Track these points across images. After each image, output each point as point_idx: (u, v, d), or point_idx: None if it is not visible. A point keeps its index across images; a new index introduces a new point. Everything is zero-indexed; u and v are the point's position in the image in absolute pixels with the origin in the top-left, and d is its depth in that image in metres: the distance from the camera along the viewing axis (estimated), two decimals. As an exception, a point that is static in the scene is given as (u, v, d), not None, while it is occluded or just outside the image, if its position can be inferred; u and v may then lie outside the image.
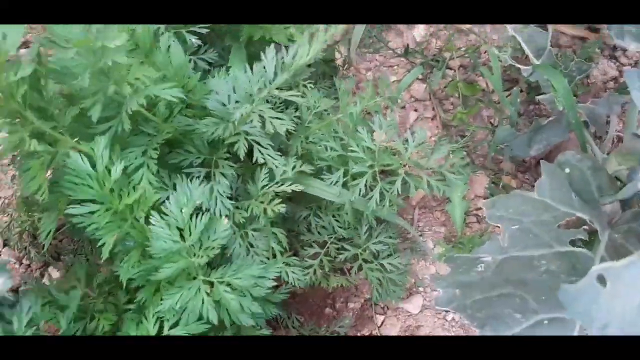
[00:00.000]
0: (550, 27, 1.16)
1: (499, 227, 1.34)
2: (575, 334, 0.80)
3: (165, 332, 0.78)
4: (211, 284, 0.77)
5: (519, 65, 1.15)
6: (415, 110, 1.42)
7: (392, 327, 1.38)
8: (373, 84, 1.00)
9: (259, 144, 0.90)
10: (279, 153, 0.90)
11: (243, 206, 0.90)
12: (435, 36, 1.49)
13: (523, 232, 0.89)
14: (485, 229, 1.35)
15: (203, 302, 0.74)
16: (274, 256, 0.92)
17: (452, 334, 1.37)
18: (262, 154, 0.89)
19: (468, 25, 1.45)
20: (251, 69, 0.88)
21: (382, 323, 1.39)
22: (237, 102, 0.90)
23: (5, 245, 1.38)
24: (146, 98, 0.74)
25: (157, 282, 0.82)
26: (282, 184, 0.91)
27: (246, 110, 0.88)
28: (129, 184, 0.77)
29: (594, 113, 1.15)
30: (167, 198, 0.77)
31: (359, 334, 1.41)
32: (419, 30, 1.49)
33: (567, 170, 0.96)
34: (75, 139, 0.75)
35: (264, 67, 0.88)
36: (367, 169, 0.93)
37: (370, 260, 1.01)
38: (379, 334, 1.38)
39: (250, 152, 0.99)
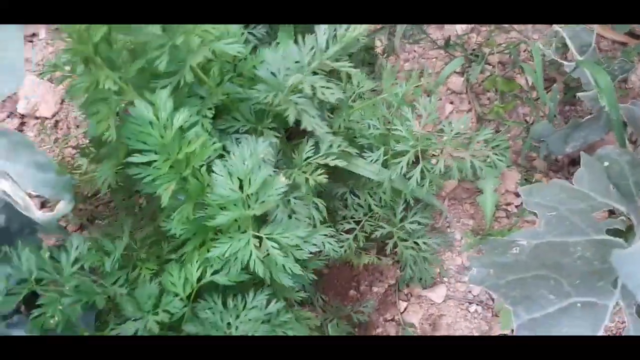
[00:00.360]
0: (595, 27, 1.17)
1: (527, 222, 1.36)
2: (607, 319, 0.81)
3: (207, 277, 0.81)
4: (259, 239, 0.80)
5: (561, 61, 1.17)
6: (452, 102, 1.44)
7: (414, 314, 1.40)
8: (413, 73, 1.03)
9: (307, 112, 0.92)
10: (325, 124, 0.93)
11: (286, 174, 0.92)
12: (476, 31, 1.51)
13: (559, 219, 0.90)
14: (513, 224, 1.36)
15: (251, 255, 0.77)
16: (314, 226, 0.94)
17: (474, 325, 1.38)
18: (310, 122, 0.91)
19: (509, 23, 1.47)
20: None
21: (405, 309, 1.41)
22: (287, 68, 0.93)
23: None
24: (210, 50, 0.77)
25: (204, 235, 0.85)
26: (326, 157, 0.94)
27: (297, 79, 0.91)
28: (183, 139, 0.80)
29: (634, 114, 1.15)
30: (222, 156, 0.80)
31: (381, 318, 1.43)
32: (461, 25, 1.51)
33: (606, 163, 0.97)
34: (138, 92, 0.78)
35: (316, 39, 0.91)
36: (410, 148, 0.95)
37: (405, 239, 1.03)
38: (402, 320, 1.40)
39: (297, 123, 1.02)
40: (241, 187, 0.78)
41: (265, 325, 0.81)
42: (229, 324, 0.80)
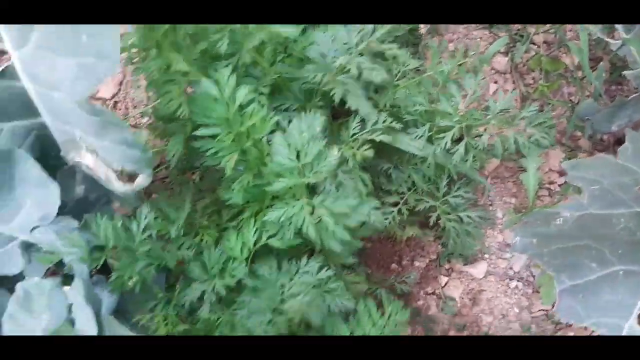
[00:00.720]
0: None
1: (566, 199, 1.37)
2: (650, 288, 0.83)
3: (263, 241, 0.88)
4: (312, 206, 0.86)
5: (608, 40, 1.17)
6: (496, 82, 1.45)
7: (455, 289, 1.44)
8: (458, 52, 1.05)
9: (352, 92, 0.97)
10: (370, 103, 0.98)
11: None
12: (520, 11, 1.51)
13: (602, 192, 0.92)
14: (556, 202, 1.37)
15: (304, 220, 0.84)
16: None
17: (514, 301, 1.41)
18: (355, 101, 0.97)
19: (555, 2, 1.46)
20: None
21: (446, 284, 1.45)
22: (335, 50, 0.98)
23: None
24: (265, 34, 0.83)
25: (261, 203, 0.92)
26: (372, 133, 0.99)
27: (345, 60, 0.96)
28: (244, 114, 0.87)
29: (682, 92, 1.15)
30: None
31: (422, 292, 1.47)
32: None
33: (652, 139, 0.98)
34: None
35: (364, 22, 0.96)
36: (454, 124, 0.99)
37: (448, 212, 1.07)
38: (442, 294, 1.44)
39: (341, 103, 1.08)
40: (297, 158, 0.84)
41: (316, 290, 0.88)
42: (282, 285, 0.87)
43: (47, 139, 0.90)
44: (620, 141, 1.47)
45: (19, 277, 0.92)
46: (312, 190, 0.89)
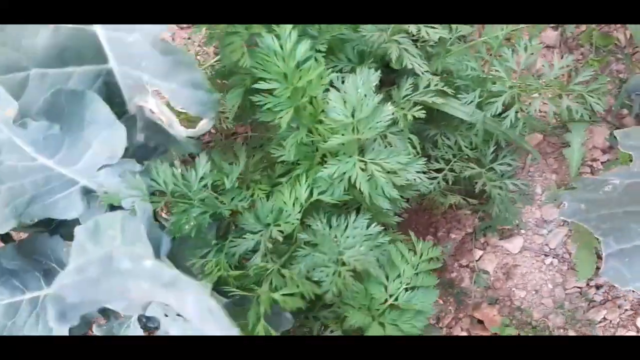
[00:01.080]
0: None
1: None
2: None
3: (315, 197, 0.91)
4: (364, 163, 0.88)
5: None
6: (544, 56, 1.44)
7: (490, 263, 1.45)
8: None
9: (408, 51, 0.99)
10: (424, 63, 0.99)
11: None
12: (572, -14, 1.49)
13: (655, 161, 0.92)
14: (598, 179, 1.37)
15: (357, 176, 0.86)
16: (409, 160, 1.01)
17: (548, 277, 1.42)
18: (411, 60, 0.98)
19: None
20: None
21: (480, 257, 1.47)
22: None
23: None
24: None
25: (312, 160, 0.95)
26: (424, 95, 1.00)
27: (401, 21, 0.97)
28: (301, 70, 0.89)
29: None
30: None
31: (456, 263, 1.49)
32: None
33: None
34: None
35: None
36: (506, 90, 1.00)
37: (494, 179, 1.09)
38: (476, 267, 1.46)
39: (390, 69, 1.09)
40: (352, 115, 0.86)
41: (369, 242, 0.90)
42: (335, 236, 0.90)
43: (111, 86, 0.94)
44: (667, 121, 1.45)
45: (76, 222, 0.97)
46: (361, 150, 0.91)
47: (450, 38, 1.08)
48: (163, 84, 0.83)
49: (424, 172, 1.07)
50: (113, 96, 0.95)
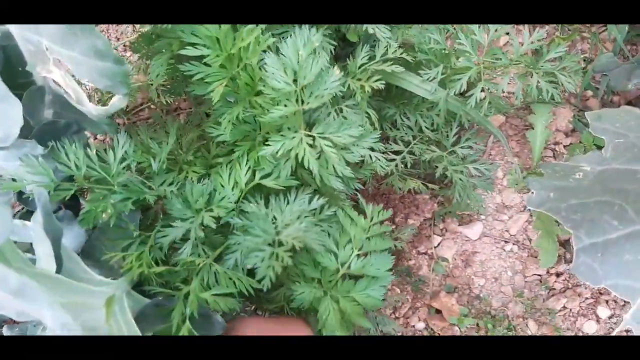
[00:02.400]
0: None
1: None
2: (672, 249, 0.77)
3: (256, 180, 0.79)
4: (312, 138, 0.76)
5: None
6: (507, 33, 1.36)
7: (448, 249, 1.38)
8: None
9: (367, 18, 0.87)
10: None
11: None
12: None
13: (627, 146, 0.85)
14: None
15: (304, 153, 0.74)
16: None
17: (508, 264, 1.36)
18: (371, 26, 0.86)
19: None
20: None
21: (439, 244, 1.39)
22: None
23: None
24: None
25: (253, 140, 0.83)
26: (382, 63, 0.89)
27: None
28: (237, 34, 0.76)
29: None
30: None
31: (414, 251, 1.41)
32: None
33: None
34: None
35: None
36: (472, 65, 0.90)
37: (456, 163, 0.99)
38: (435, 254, 1.38)
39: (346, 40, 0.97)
40: (295, 82, 0.74)
41: (310, 219, 0.79)
42: (274, 217, 0.78)
43: (12, 51, 0.78)
44: (630, 104, 1.40)
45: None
46: (309, 124, 0.80)
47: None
48: (63, 51, 0.68)
49: (382, 152, 0.97)
50: (16, 64, 0.79)
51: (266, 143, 0.77)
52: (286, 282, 0.87)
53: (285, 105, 0.75)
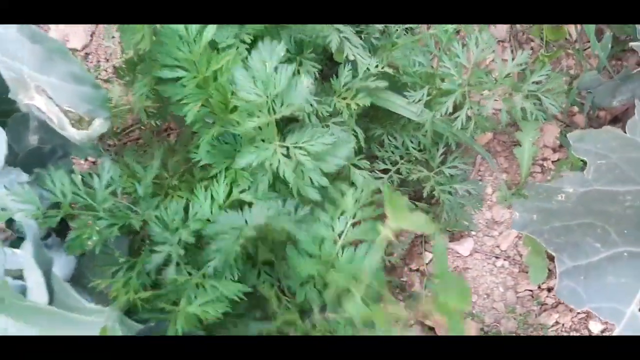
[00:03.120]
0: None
1: (561, 176, 1.32)
2: (654, 271, 0.78)
3: (235, 195, 0.80)
4: (286, 148, 0.78)
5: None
6: (493, 51, 1.37)
7: (439, 266, 1.38)
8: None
9: (349, 41, 0.88)
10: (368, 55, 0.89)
11: (326, 101, 0.90)
12: (524, -24, 1.43)
13: (609, 167, 0.86)
14: (550, 180, 1.32)
15: (279, 163, 0.76)
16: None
17: (500, 280, 1.37)
18: (352, 50, 0.88)
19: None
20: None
21: (431, 260, 1.40)
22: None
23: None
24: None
25: (231, 160, 0.84)
26: (365, 80, 0.91)
27: (342, 9, 0.86)
28: (213, 57, 0.78)
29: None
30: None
31: (406, 268, 1.42)
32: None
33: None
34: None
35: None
36: (457, 88, 0.91)
37: (443, 183, 1.00)
38: (426, 271, 1.38)
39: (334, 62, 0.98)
40: (265, 93, 0.75)
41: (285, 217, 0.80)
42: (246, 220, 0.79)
43: (-4, 79, 0.78)
44: (616, 119, 1.42)
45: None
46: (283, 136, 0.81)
47: (397, 30, 0.98)
48: (42, 77, 0.69)
49: (370, 171, 0.98)
50: (0, 91, 0.80)
51: (239, 154, 0.79)
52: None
53: (258, 117, 0.76)
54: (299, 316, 0.89)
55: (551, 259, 1.33)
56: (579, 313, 1.32)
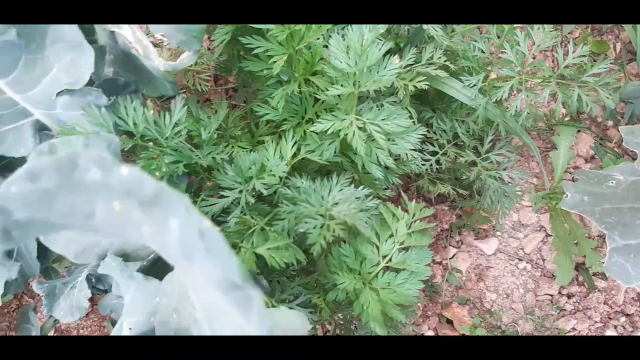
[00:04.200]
0: None
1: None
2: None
3: (302, 155, 0.81)
4: (363, 122, 0.80)
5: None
6: (534, 58, 1.42)
7: (463, 262, 1.40)
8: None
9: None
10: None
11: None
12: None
13: (658, 161, 0.89)
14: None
15: (354, 135, 0.77)
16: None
17: (520, 282, 1.38)
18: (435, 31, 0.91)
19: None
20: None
21: (454, 255, 1.41)
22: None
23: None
24: None
25: (300, 119, 0.86)
26: (427, 66, 0.93)
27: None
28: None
29: None
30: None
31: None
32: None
33: None
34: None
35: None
36: (515, 74, 0.94)
37: (490, 169, 1.03)
38: (449, 265, 1.40)
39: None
40: (355, 65, 0.77)
41: (357, 203, 0.81)
42: (322, 196, 0.80)
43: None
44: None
45: (22, 161, 0.83)
46: (358, 111, 0.83)
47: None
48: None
49: (420, 151, 1.00)
50: (81, 20, 0.82)
51: (317, 120, 0.80)
52: (322, 272, 0.88)
53: (342, 86, 0.78)
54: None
55: (576, 267, 1.35)
56: (596, 322, 1.33)
